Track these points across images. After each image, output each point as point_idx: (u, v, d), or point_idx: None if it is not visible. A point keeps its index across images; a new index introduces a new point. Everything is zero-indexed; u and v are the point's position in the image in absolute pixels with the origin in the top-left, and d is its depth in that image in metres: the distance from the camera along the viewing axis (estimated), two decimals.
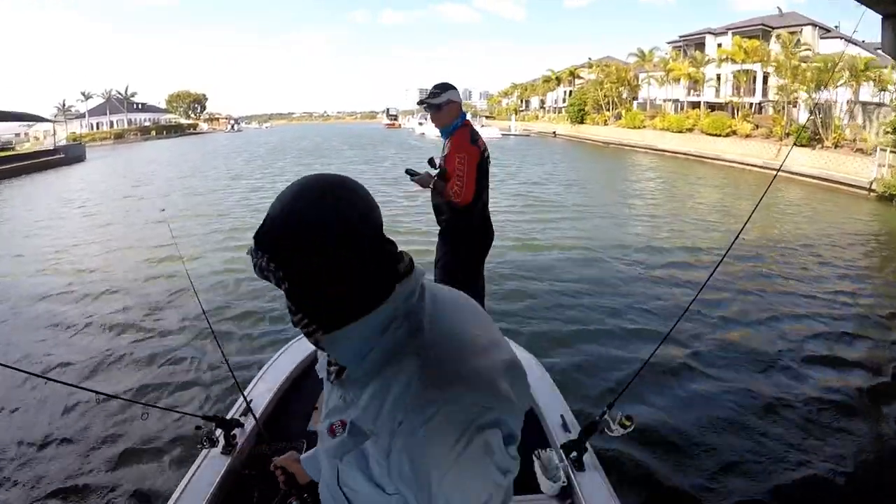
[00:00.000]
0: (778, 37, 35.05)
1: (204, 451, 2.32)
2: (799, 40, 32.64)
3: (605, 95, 52.29)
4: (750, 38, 36.70)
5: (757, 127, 33.17)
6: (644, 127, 43.83)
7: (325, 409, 0.98)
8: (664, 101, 47.39)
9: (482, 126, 61.70)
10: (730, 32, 41.39)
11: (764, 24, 38.81)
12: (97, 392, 3.26)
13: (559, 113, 72.19)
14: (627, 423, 2.23)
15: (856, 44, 33.81)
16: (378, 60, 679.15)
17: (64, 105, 78.83)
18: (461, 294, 1.00)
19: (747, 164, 29.00)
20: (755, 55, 34.66)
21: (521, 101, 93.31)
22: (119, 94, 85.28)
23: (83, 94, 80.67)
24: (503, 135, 57.93)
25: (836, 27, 37.20)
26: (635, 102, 51.99)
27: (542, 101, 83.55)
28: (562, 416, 2.70)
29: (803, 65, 29.84)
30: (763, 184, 19.22)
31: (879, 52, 29.50)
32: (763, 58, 34.59)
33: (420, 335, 0.85)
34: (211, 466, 2.25)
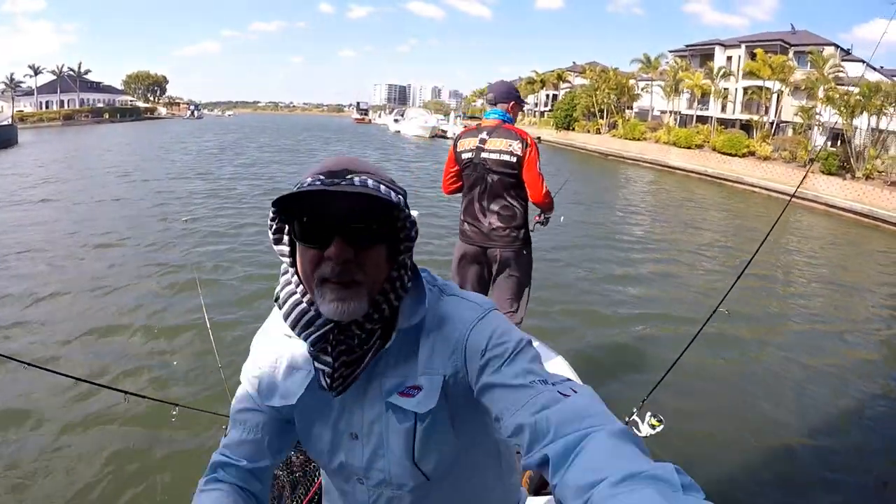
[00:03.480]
0: (803, 54, 34.82)
1: None
2: (833, 61, 32.30)
3: (599, 102, 51.47)
4: (767, 53, 36.42)
5: (776, 150, 32.79)
6: (644, 139, 43.22)
7: (333, 423, 1.11)
8: (664, 112, 47.19)
9: (464, 127, 60.28)
10: (743, 45, 41.34)
11: (783, 41, 38.72)
12: (126, 392, 3.00)
13: (541, 117, 71.48)
14: (657, 424, 2.52)
15: (875, 69, 33.84)
16: (345, 54, 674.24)
17: (12, 79, 72.83)
18: None
19: (773, 191, 28.30)
20: (780, 72, 34.16)
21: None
22: (71, 70, 79.75)
23: (32, 68, 73.62)
24: None
25: (849, 49, 37.31)
26: (631, 112, 51.62)
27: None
28: None
29: (842, 87, 29.42)
30: (792, 213, 21.60)
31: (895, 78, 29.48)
32: (788, 75, 34.14)
33: (445, 290, 1.12)
34: None
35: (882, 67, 33.07)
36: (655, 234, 15.66)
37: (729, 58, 42.83)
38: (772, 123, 36.55)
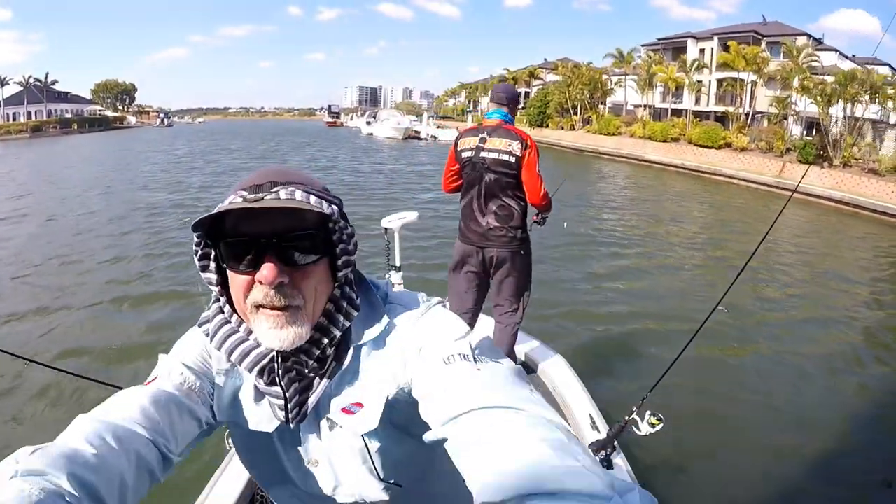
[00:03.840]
0: (776, 45, 35.03)
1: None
2: (808, 51, 32.49)
3: (573, 98, 51.39)
4: (740, 44, 36.59)
5: (753, 140, 32.96)
6: (620, 133, 43.11)
7: (296, 454, 1.05)
8: (638, 106, 47.18)
9: (438, 128, 59.96)
10: (716, 38, 41.62)
11: (755, 32, 38.98)
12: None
13: None
14: (656, 423, 2.50)
15: (847, 57, 34.27)
16: (315, 58, 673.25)
17: None
18: None
19: (752, 182, 28.45)
20: (754, 63, 34.33)
21: (469, 102, 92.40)
22: (38, 81, 77.02)
23: None
24: None
25: (821, 39, 37.62)
26: (605, 107, 51.64)
27: None
28: (590, 415, 3.05)
29: (817, 77, 29.72)
30: (768, 200, 22.94)
31: (867, 66, 29.84)
32: (763, 66, 34.33)
33: (388, 298, 1.05)
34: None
35: (854, 56, 33.41)
36: (641, 230, 15.43)
37: (702, 50, 43.07)
38: (747, 114, 36.69)
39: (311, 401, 0.97)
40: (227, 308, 0.97)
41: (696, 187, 27.41)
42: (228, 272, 0.91)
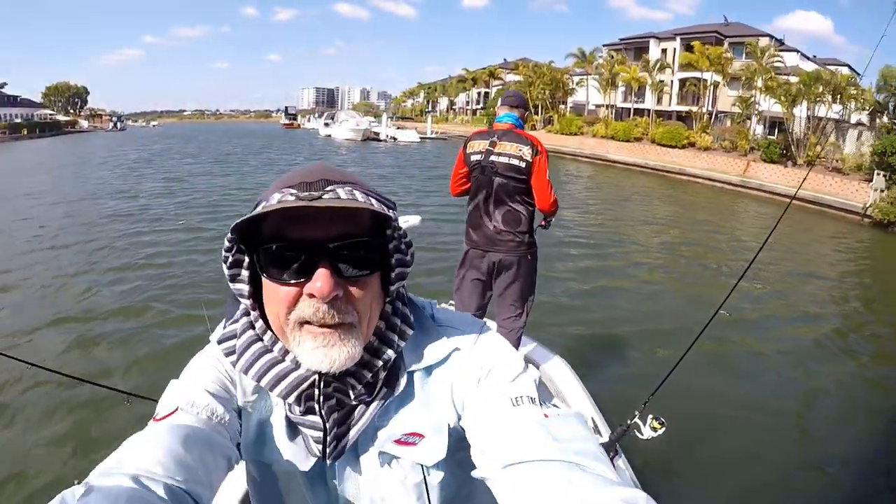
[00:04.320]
0: (738, 45, 35.28)
1: None
2: (771, 52, 32.72)
3: (534, 98, 51.17)
4: (704, 45, 36.71)
5: (716, 140, 33.10)
6: (582, 133, 43.02)
7: (331, 495, 0.94)
8: (599, 106, 47.13)
9: (397, 129, 59.08)
10: (678, 38, 41.80)
11: (718, 33, 39.28)
12: (128, 393, 2.79)
13: (473, 115, 71.07)
14: (659, 427, 2.54)
15: (808, 58, 34.79)
16: (271, 59, 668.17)
17: None
18: None
19: (717, 181, 28.43)
20: (718, 63, 34.47)
21: (428, 103, 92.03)
22: None
23: None
24: (421, 138, 55.31)
25: (782, 40, 38.00)
26: (566, 107, 51.54)
27: (452, 103, 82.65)
28: (592, 418, 2.98)
29: (781, 77, 30.00)
30: (735, 199, 23.63)
31: (828, 67, 30.28)
32: (726, 66, 34.49)
33: (437, 318, 0.96)
34: None
35: (815, 56, 33.85)
36: (617, 232, 15.10)
37: (664, 50, 43.30)
38: (710, 114, 36.90)
39: (354, 433, 0.86)
40: (259, 324, 0.86)
41: (660, 187, 27.18)
42: (268, 283, 0.79)
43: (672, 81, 41.28)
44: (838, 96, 27.26)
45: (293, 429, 0.89)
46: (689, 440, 4.62)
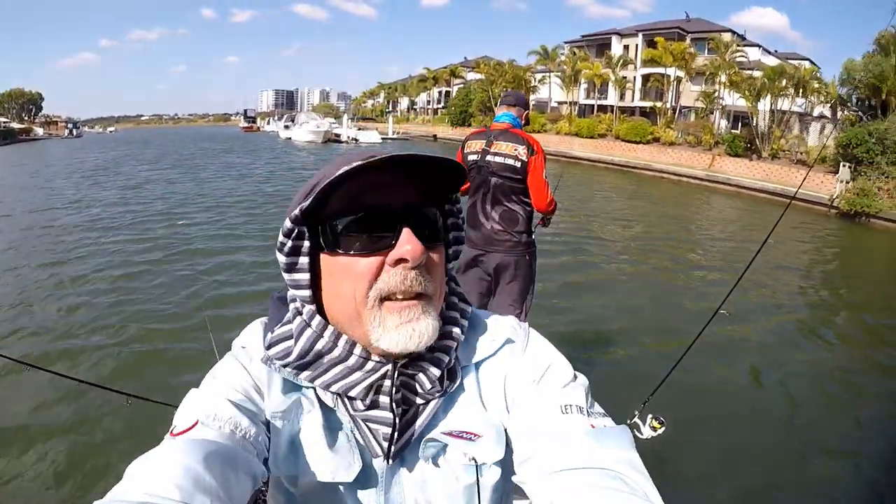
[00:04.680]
0: (700, 41, 35.47)
1: None
2: (734, 47, 32.93)
3: (496, 96, 50.89)
4: (667, 41, 36.81)
5: (681, 135, 33.17)
6: (545, 131, 42.62)
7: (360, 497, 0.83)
8: (562, 103, 47.09)
9: (359, 130, 58.23)
10: (640, 34, 41.91)
11: (680, 28, 39.46)
12: (129, 394, 2.72)
13: (434, 115, 70.69)
14: (658, 426, 2.56)
15: (770, 53, 35.18)
16: (230, 61, 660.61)
17: None
18: None
19: (683, 176, 28.30)
20: (682, 59, 34.56)
21: (388, 103, 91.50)
22: None
23: None
24: (383, 139, 54.54)
25: (744, 35, 38.36)
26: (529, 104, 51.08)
27: (413, 103, 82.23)
28: None
29: (745, 72, 30.27)
30: (702, 194, 23.86)
31: (790, 62, 30.66)
32: (690, 62, 34.61)
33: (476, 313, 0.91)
34: None
35: (776, 51, 34.21)
36: (588, 229, 14.70)
37: (626, 47, 43.47)
38: (674, 109, 37.04)
39: (419, 426, 0.80)
40: (316, 320, 0.79)
41: (627, 183, 26.89)
42: (340, 260, 0.74)
43: (635, 77, 41.41)
44: (801, 90, 27.53)
45: (333, 436, 0.81)
46: (689, 439, 4.52)
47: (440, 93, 72.24)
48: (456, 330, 0.82)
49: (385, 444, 0.79)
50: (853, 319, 8.77)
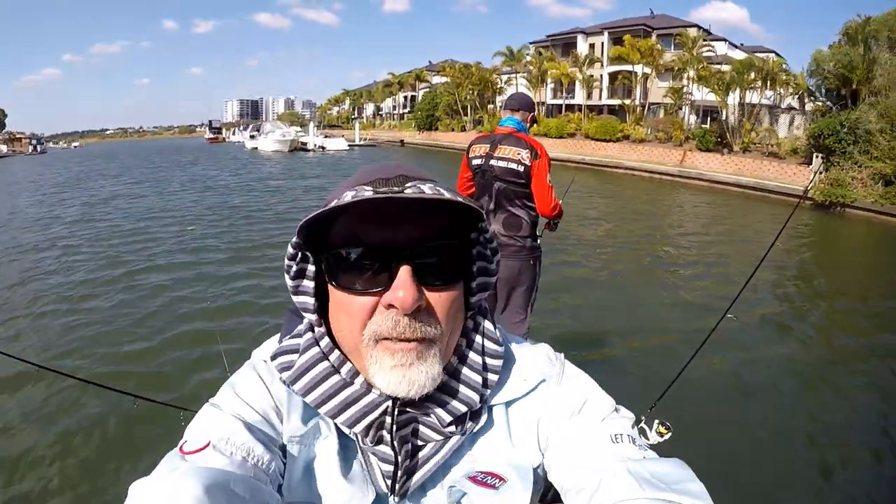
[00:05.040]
0: (666, 37, 35.45)
1: None
2: (702, 42, 32.93)
3: (462, 99, 50.51)
4: (634, 38, 36.68)
5: (651, 131, 33.07)
6: None
7: None
8: None
9: (325, 137, 57.34)
10: (606, 32, 41.75)
11: (646, 25, 39.44)
12: (136, 395, 2.78)
13: (401, 120, 70.18)
14: (665, 432, 2.34)
15: (736, 46, 35.38)
16: (193, 72, 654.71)
17: None
18: None
19: (655, 173, 28.15)
20: (649, 55, 34.46)
21: (354, 109, 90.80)
22: None
23: None
24: (350, 146, 53.66)
25: (709, 29, 38.45)
26: (495, 106, 50.73)
27: (378, 108, 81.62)
28: None
29: (714, 66, 30.20)
30: (675, 190, 23.88)
31: (757, 55, 30.76)
32: (657, 58, 34.52)
33: (510, 344, 0.88)
34: None
35: (742, 45, 34.33)
36: (569, 230, 13.82)
37: (592, 45, 43.27)
38: (642, 106, 36.85)
39: (429, 467, 0.76)
40: (325, 341, 0.77)
41: (598, 182, 26.33)
42: (338, 294, 0.73)
43: (602, 76, 41.18)
44: (770, 82, 27.47)
45: (348, 464, 0.77)
46: (697, 446, 4.15)
47: (406, 97, 71.71)
48: (475, 376, 0.77)
49: (389, 482, 0.76)
50: (832, 310, 8.65)
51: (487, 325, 0.81)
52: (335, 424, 0.77)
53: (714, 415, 5.06)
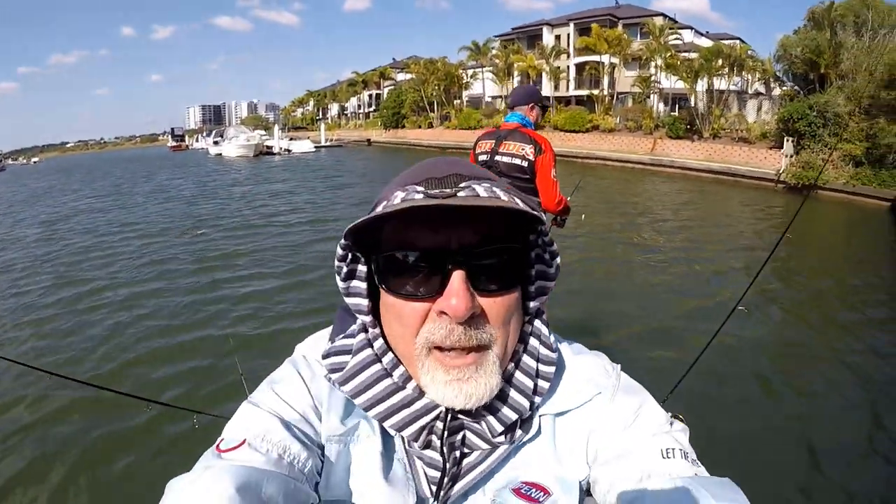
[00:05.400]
0: (632, 26, 35.55)
1: None
2: (669, 30, 33.04)
3: (428, 95, 50.11)
4: (601, 27, 36.62)
5: (621, 121, 33.03)
6: (481, 127, 41.80)
7: None
8: (496, 98, 46.44)
9: (291, 140, 56.33)
10: (572, 23, 41.63)
11: (612, 15, 39.44)
12: (148, 400, 2.85)
13: (367, 119, 69.55)
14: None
15: (702, 34, 35.64)
16: (154, 80, 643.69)
17: None
18: None
19: (627, 162, 28.10)
20: (617, 45, 34.46)
21: (318, 110, 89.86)
22: None
23: None
24: (316, 147, 52.84)
25: (674, 17, 38.62)
26: (462, 101, 50.50)
27: (343, 108, 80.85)
28: None
29: (682, 54, 30.25)
30: (648, 178, 23.88)
31: (723, 41, 31.01)
32: (625, 47, 34.52)
33: (562, 346, 0.86)
34: None
35: (708, 32, 34.57)
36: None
37: (557, 37, 43.03)
38: (611, 96, 36.80)
39: (475, 476, 0.74)
40: (379, 343, 0.75)
41: (571, 172, 25.82)
42: (389, 298, 0.70)
43: (569, 67, 41.04)
44: (738, 69, 27.66)
45: (390, 466, 0.75)
46: (710, 440, 4.16)
47: (371, 96, 70.96)
48: (530, 383, 0.74)
49: (434, 488, 0.73)
50: (818, 291, 8.73)
51: (544, 330, 0.77)
52: (380, 425, 0.75)
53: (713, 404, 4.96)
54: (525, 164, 3.57)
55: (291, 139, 57.52)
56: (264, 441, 0.69)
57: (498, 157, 3.66)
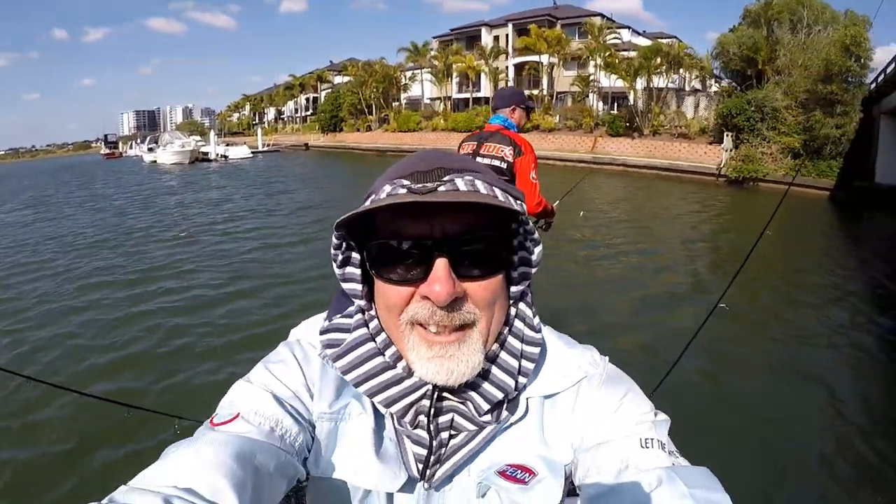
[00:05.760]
0: (570, 26, 35.59)
1: None
2: (608, 30, 33.09)
3: (367, 97, 49.25)
4: (540, 28, 36.47)
5: (560, 120, 32.91)
6: (421, 129, 41.42)
7: None
8: (435, 99, 45.83)
9: (227, 146, 54.35)
10: (510, 24, 41.42)
11: (550, 16, 39.36)
12: (129, 405, 2.84)
13: (304, 122, 68.14)
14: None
15: (639, 33, 35.96)
16: (86, 84, 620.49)
17: None
18: None
19: (568, 161, 27.80)
20: (556, 45, 34.36)
21: (255, 115, 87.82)
22: None
23: None
24: (253, 153, 51.13)
25: (611, 17, 38.85)
26: (401, 104, 49.71)
27: (280, 112, 79.19)
28: None
29: (621, 53, 30.27)
30: (590, 176, 21.44)
31: (660, 40, 31.34)
32: (564, 47, 34.43)
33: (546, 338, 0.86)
34: None
35: (645, 31, 34.85)
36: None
37: (496, 37, 42.75)
38: (550, 96, 36.64)
39: (461, 455, 0.76)
40: (374, 323, 0.78)
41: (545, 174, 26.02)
42: (379, 283, 0.74)
43: (508, 67, 40.74)
44: (676, 66, 27.89)
45: (381, 444, 0.77)
46: (693, 435, 4.06)
47: (308, 99, 69.45)
48: (514, 363, 0.76)
49: (417, 465, 0.75)
50: (777, 283, 8.97)
51: (528, 312, 0.79)
52: (372, 404, 0.77)
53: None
54: (504, 165, 3.55)
55: (228, 145, 55.26)
56: (257, 415, 0.71)
57: (479, 160, 3.53)
